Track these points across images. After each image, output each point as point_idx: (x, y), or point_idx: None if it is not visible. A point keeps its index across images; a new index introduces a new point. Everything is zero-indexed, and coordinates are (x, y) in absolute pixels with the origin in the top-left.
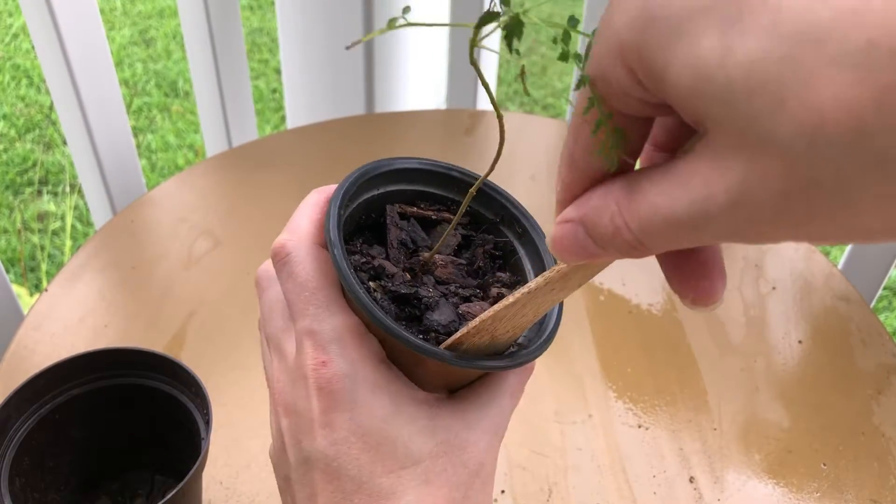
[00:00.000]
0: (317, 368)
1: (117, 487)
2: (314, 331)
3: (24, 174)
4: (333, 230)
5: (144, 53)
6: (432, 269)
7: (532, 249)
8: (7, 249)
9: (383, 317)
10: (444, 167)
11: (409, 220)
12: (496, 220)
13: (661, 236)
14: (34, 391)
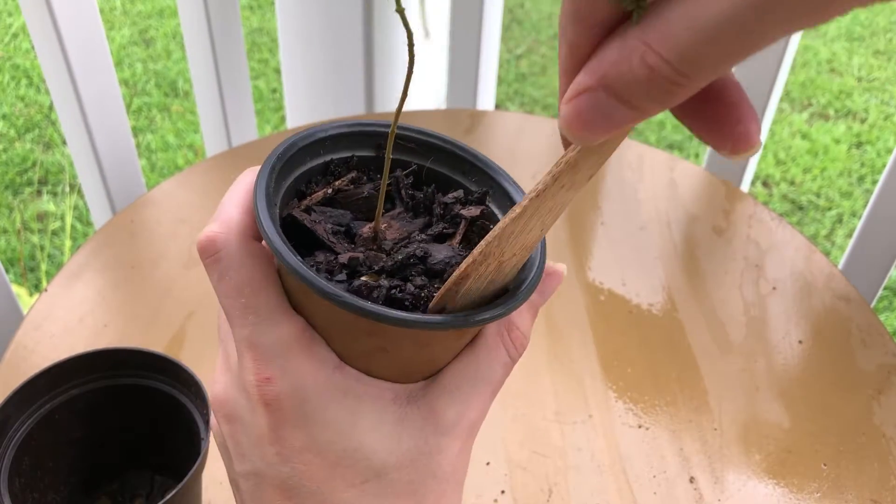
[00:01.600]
0: (261, 385)
1: (117, 487)
2: (255, 343)
3: (24, 174)
4: (265, 217)
5: (144, 53)
6: (384, 236)
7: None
8: (7, 249)
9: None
10: (353, 125)
11: (315, 211)
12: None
13: (710, 56)
14: (34, 391)
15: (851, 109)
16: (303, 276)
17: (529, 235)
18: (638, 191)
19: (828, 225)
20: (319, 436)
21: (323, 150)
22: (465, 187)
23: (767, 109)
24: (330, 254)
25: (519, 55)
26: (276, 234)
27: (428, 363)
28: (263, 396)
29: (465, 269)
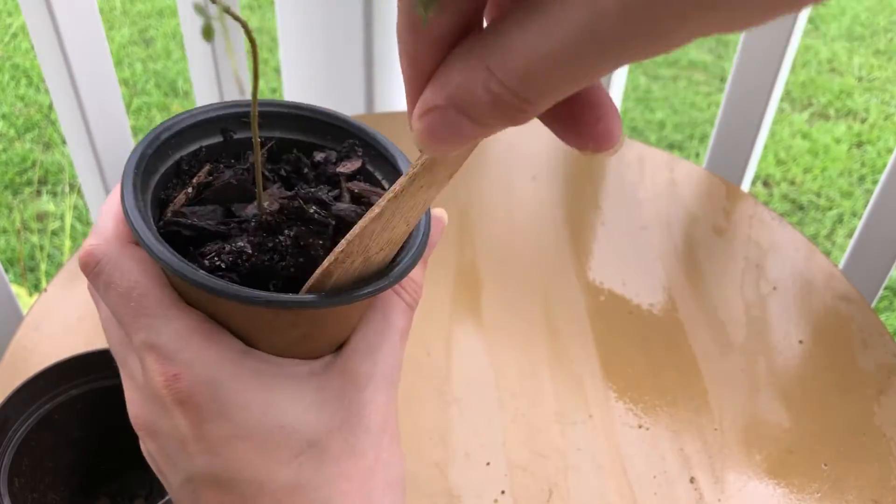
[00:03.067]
0: (169, 384)
1: (117, 488)
2: (154, 343)
3: (24, 174)
4: (133, 213)
5: (144, 53)
6: (267, 213)
7: (291, 123)
8: (6, 249)
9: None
10: (194, 113)
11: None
12: (228, 136)
13: (551, 84)
14: (33, 391)
15: (852, 109)
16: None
17: (394, 232)
18: (638, 191)
19: (828, 225)
20: (242, 421)
21: (171, 150)
22: (329, 147)
23: (768, 109)
24: (222, 246)
25: None
26: (153, 237)
27: (344, 335)
28: (175, 396)
29: (327, 266)
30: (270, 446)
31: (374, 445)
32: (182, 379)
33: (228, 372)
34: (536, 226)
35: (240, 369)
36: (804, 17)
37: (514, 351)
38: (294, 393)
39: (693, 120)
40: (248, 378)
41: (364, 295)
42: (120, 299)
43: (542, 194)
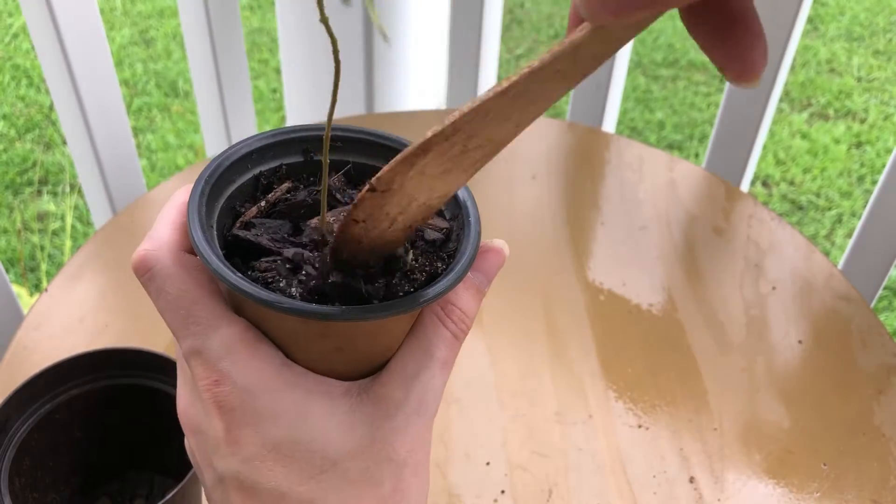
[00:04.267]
0: (210, 388)
1: (117, 487)
2: (200, 350)
3: (24, 174)
4: (197, 233)
5: (144, 53)
6: (330, 230)
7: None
8: (7, 249)
9: (250, 287)
10: (277, 133)
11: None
12: (309, 157)
13: None
14: (34, 391)
15: (851, 109)
16: (237, 286)
17: (500, 128)
18: (638, 191)
19: (827, 225)
20: (272, 431)
21: (250, 164)
22: None
23: (767, 109)
24: (275, 259)
25: (519, 55)
26: (209, 248)
27: (381, 354)
28: (215, 399)
29: (428, 139)
30: (296, 460)
31: (394, 475)
32: (222, 384)
33: (266, 382)
34: (536, 226)
35: (277, 381)
36: (803, 17)
37: (514, 351)
38: (326, 410)
39: (693, 120)
40: (283, 390)
41: (386, 313)
42: (170, 306)
43: (542, 194)
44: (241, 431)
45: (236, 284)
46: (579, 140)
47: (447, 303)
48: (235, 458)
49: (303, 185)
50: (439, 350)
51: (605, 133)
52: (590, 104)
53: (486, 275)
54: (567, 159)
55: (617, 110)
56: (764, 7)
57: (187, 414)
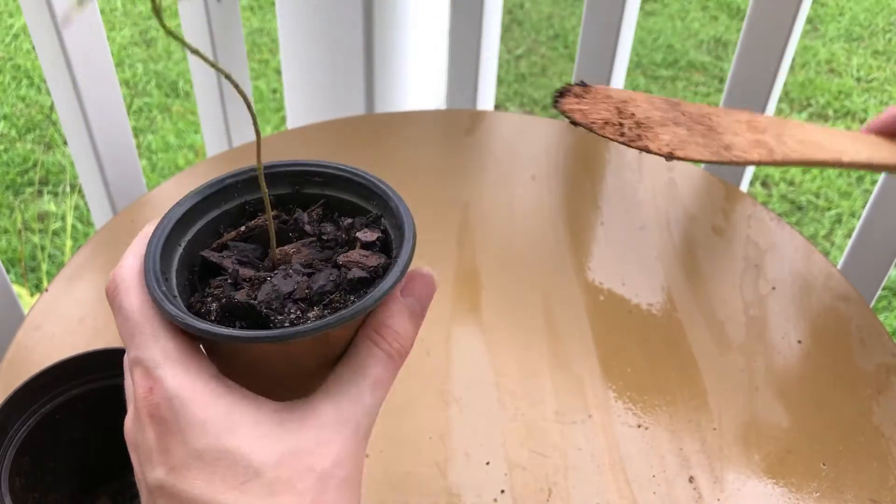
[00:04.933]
0: (146, 396)
1: (118, 487)
2: (140, 359)
3: (25, 174)
4: (149, 260)
5: (145, 54)
6: (289, 261)
7: (344, 185)
8: (7, 249)
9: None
10: (214, 184)
11: (228, 248)
12: (296, 190)
13: None
14: (34, 391)
15: (850, 110)
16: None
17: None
18: (637, 191)
19: (827, 225)
20: (198, 440)
21: (237, 192)
22: (367, 212)
23: (767, 109)
24: (225, 278)
25: (519, 55)
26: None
27: (310, 377)
28: (148, 408)
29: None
30: (220, 468)
31: (314, 488)
32: (155, 392)
33: (195, 392)
34: (536, 226)
35: (206, 391)
36: (803, 17)
37: (514, 351)
38: (252, 421)
39: None
40: (211, 399)
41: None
42: (124, 320)
43: (542, 194)
44: (169, 440)
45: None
46: (579, 140)
47: (381, 324)
48: (163, 468)
49: (284, 214)
50: (372, 368)
51: None
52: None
53: (419, 300)
54: (567, 159)
55: None
56: (764, 7)
57: (128, 431)
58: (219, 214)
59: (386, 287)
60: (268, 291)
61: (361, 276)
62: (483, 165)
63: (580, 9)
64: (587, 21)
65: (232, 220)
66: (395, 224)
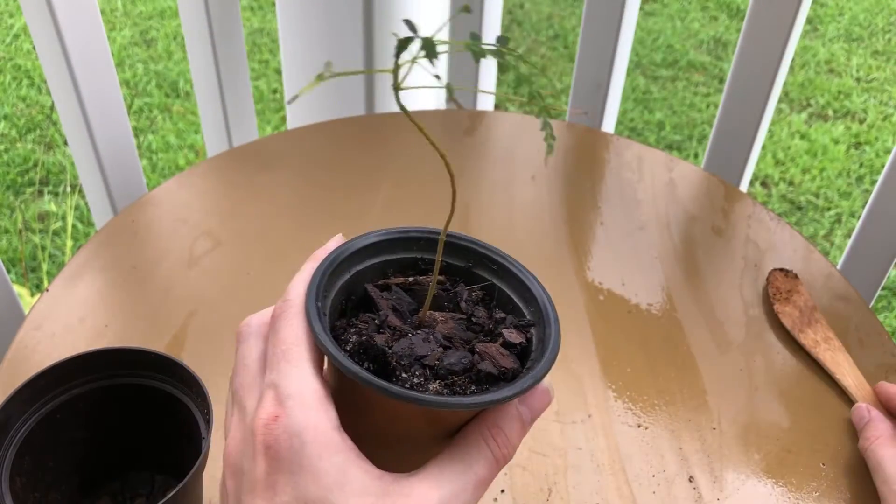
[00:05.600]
0: (268, 423)
1: (118, 487)
2: (277, 384)
3: (25, 174)
4: (310, 296)
5: (145, 54)
6: (434, 326)
7: (512, 282)
8: (8, 249)
9: (350, 364)
10: (400, 232)
11: (390, 290)
12: (468, 266)
13: None
14: (35, 391)
15: (850, 110)
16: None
17: None
18: (637, 191)
19: (826, 225)
20: (309, 487)
21: (417, 247)
22: (522, 315)
23: (766, 110)
24: (373, 317)
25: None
26: (315, 312)
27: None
28: (266, 437)
29: None
30: None
31: None
32: (279, 422)
33: (317, 437)
34: (536, 226)
35: (327, 440)
36: (803, 17)
37: None
38: (361, 485)
39: (692, 120)
40: (330, 450)
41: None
42: (275, 344)
43: (542, 194)
44: (279, 477)
45: (310, 316)
46: (579, 140)
47: (495, 425)
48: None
49: (449, 284)
50: (479, 467)
51: (604, 133)
52: (589, 104)
53: (531, 411)
54: (566, 159)
55: (616, 111)
56: (763, 7)
57: (234, 453)
58: (392, 259)
59: (517, 391)
60: (404, 346)
61: (489, 372)
62: (483, 165)
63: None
64: (587, 21)
65: (402, 268)
66: (541, 338)
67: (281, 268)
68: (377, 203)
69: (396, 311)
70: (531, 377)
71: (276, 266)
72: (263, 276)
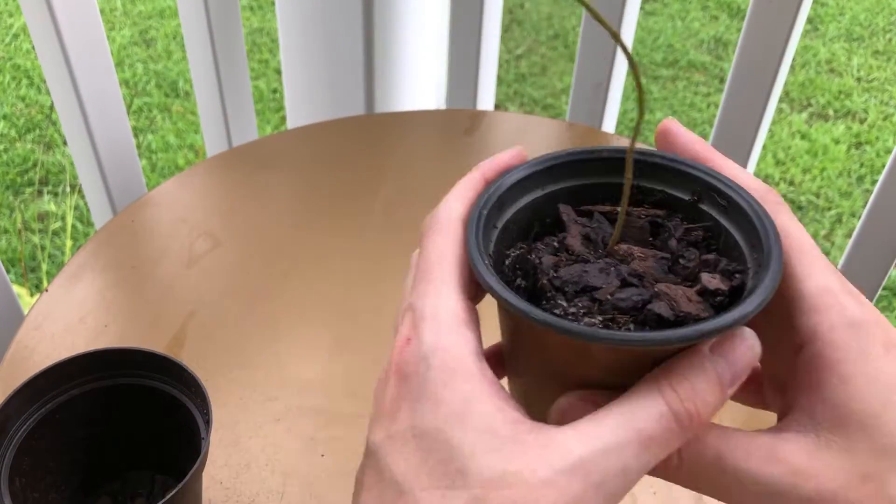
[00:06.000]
0: (401, 347)
1: (117, 487)
2: (413, 306)
3: (25, 174)
4: (476, 207)
5: (145, 54)
6: (626, 261)
7: (742, 223)
8: (7, 249)
9: (488, 275)
10: (612, 150)
11: (590, 217)
12: (693, 200)
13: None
14: (34, 391)
15: (851, 110)
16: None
17: None
18: None
19: (827, 225)
20: (423, 417)
21: (641, 174)
22: (744, 261)
23: (767, 110)
24: (553, 243)
25: (519, 55)
26: (475, 223)
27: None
28: (398, 361)
29: None
30: (431, 458)
31: None
32: (410, 345)
33: (447, 362)
34: None
35: (457, 364)
36: (803, 17)
37: None
38: (488, 423)
39: (692, 120)
40: (458, 378)
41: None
42: (420, 261)
43: None
44: (402, 403)
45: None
46: (579, 140)
47: (673, 372)
48: (384, 433)
49: (663, 219)
50: (646, 423)
51: (604, 133)
52: (590, 104)
53: (730, 367)
54: None
55: (617, 110)
56: (764, 7)
57: (377, 382)
58: (603, 183)
59: (701, 331)
60: (574, 273)
61: (661, 315)
62: None
63: (580, 8)
64: (587, 21)
65: (607, 196)
66: (754, 290)
67: (281, 268)
68: (377, 203)
69: (588, 239)
70: (726, 319)
71: (276, 266)
72: (263, 276)
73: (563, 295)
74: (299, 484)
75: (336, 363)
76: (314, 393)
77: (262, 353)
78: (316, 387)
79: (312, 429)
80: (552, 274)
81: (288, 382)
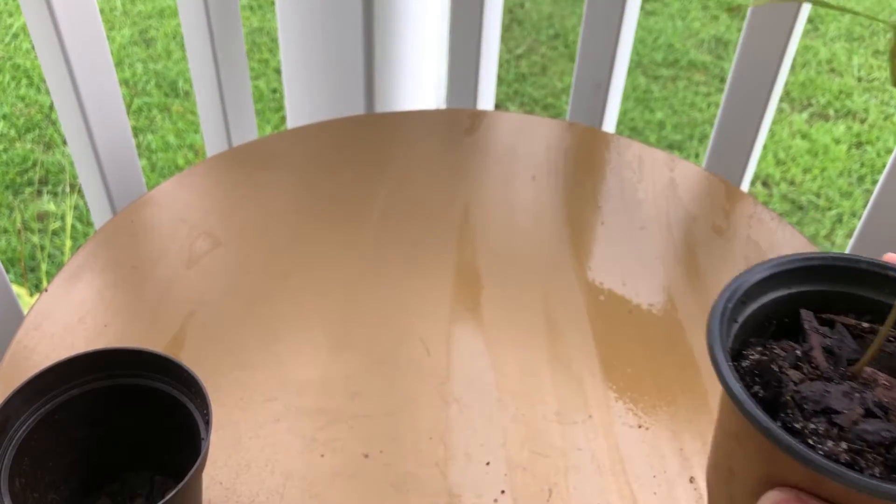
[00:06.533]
0: None
1: (117, 487)
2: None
3: (24, 174)
4: (722, 295)
5: (144, 53)
6: (872, 387)
7: None
8: (7, 249)
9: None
10: (872, 263)
11: (832, 327)
12: None
13: None
14: (34, 391)
15: (851, 109)
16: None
17: None
18: (638, 191)
19: (828, 225)
20: None
21: (889, 290)
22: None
23: (767, 109)
24: (790, 352)
25: (519, 55)
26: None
27: None
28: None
29: None
30: None
31: None
32: None
33: None
34: (536, 225)
35: None
36: (804, 17)
37: (514, 351)
38: None
39: (693, 120)
40: None
41: None
42: None
43: (542, 194)
44: None
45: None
46: (579, 140)
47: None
48: None
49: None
50: None
51: (604, 133)
52: (590, 104)
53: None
54: (567, 159)
55: (617, 110)
56: (764, 7)
57: None
58: (854, 294)
59: None
60: (815, 390)
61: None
62: (483, 165)
63: (580, 8)
64: (587, 20)
65: (861, 310)
66: None
67: (281, 268)
68: (377, 203)
69: (829, 352)
70: None
71: (276, 266)
72: (263, 276)
73: (801, 412)
74: (299, 484)
75: (336, 363)
76: (314, 393)
77: (262, 354)
78: (316, 387)
79: (312, 429)
80: (793, 387)
81: (288, 382)
